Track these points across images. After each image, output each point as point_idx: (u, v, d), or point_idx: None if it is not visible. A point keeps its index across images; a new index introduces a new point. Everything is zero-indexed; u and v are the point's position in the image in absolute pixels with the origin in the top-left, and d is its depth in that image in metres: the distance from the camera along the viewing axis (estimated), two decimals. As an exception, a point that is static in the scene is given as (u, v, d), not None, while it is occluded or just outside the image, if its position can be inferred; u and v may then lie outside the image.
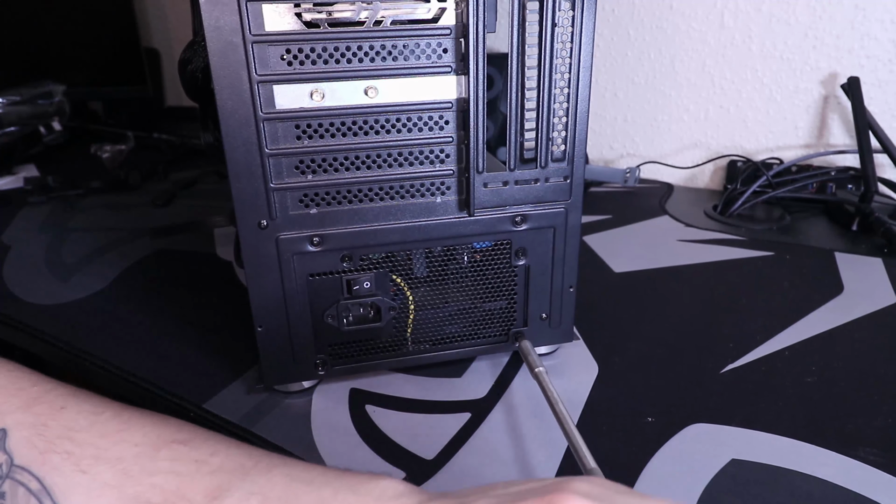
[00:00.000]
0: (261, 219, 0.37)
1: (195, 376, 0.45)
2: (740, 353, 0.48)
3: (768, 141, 0.87)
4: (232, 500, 0.25)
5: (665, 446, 0.38)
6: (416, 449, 0.38)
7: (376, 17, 0.35)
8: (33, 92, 0.96)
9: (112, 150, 1.04)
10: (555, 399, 0.37)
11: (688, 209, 0.81)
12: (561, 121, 0.39)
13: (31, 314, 0.55)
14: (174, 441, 0.28)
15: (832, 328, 0.51)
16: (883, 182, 0.76)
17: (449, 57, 0.37)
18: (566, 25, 0.37)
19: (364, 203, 0.39)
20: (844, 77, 0.77)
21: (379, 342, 0.43)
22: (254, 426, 0.40)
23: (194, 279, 0.61)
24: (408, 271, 0.42)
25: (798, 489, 0.35)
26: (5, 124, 0.92)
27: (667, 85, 0.91)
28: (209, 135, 0.45)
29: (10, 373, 0.32)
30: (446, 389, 0.44)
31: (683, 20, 0.87)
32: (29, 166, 0.97)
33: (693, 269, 0.63)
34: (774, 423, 0.40)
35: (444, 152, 0.39)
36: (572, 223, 0.42)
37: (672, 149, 0.94)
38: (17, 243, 0.72)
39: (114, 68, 1.21)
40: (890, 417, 0.40)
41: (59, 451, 0.28)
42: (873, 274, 0.61)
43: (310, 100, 0.36)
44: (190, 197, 0.88)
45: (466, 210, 0.40)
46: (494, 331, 0.45)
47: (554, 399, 0.37)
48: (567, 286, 0.44)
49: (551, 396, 0.38)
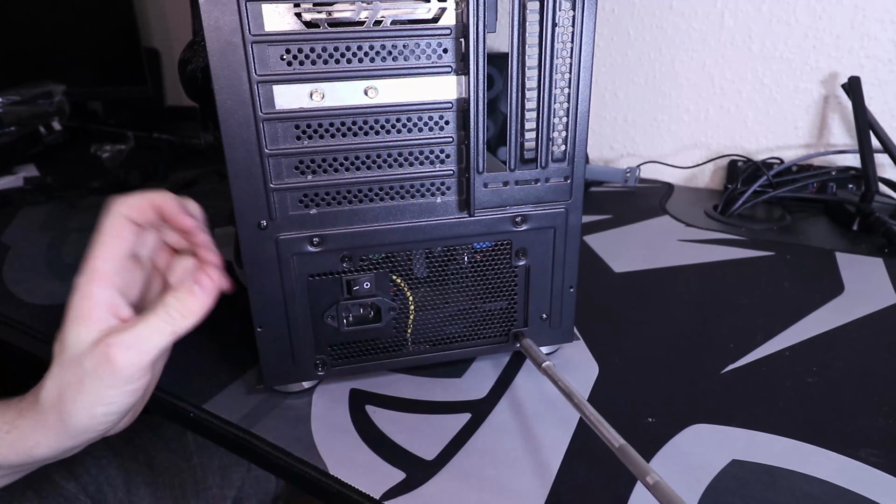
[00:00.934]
0: (261, 219, 0.37)
1: (195, 377, 0.45)
2: (741, 353, 0.48)
3: (768, 141, 0.87)
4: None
5: (666, 446, 0.38)
6: (416, 449, 0.38)
7: (376, 17, 0.35)
8: (33, 92, 0.96)
9: (112, 150, 1.04)
10: (570, 390, 0.37)
11: (688, 209, 0.81)
12: (561, 121, 0.39)
13: (31, 314, 0.55)
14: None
15: (833, 328, 0.51)
16: (883, 182, 0.76)
17: (449, 57, 0.37)
18: (566, 25, 0.37)
19: (364, 203, 0.39)
20: (844, 77, 0.77)
21: (379, 343, 0.43)
22: (254, 426, 0.40)
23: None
24: (408, 272, 0.42)
25: (799, 489, 0.35)
26: (5, 124, 0.92)
27: (667, 85, 0.91)
28: (209, 135, 0.45)
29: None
30: (446, 390, 0.44)
31: (683, 20, 0.87)
32: (29, 166, 0.97)
33: (693, 269, 0.63)
34: (775, 424, 0.40)
35: (444, 152, 0.39)
36: (573, 223, 0.42)
37: (672, 149, 0.94)
38: (17, 243, 0.72)
39: (114, 68, 1.21)
40: (890, 417, 0.40)
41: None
42: (874, 274, 0.61)
43: (309, 100, 0.36)
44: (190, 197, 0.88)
45: (467, 210, 0.40)
46: (495, 331, 0.45)
47: (569, 390, 0.37)
48: (567, 286, 0.44)
49: (565, 388, 0.38)
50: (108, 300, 0.35)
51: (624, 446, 0.32)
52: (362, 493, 0.35)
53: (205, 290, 0.35)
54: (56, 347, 0.35)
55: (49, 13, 1.14)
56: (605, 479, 0.36)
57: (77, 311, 0.35)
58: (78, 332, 0.34)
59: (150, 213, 0.37)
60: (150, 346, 0.34)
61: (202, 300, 0.35)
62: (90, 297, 0.35)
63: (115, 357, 0.33)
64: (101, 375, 0.34)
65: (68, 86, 1.01)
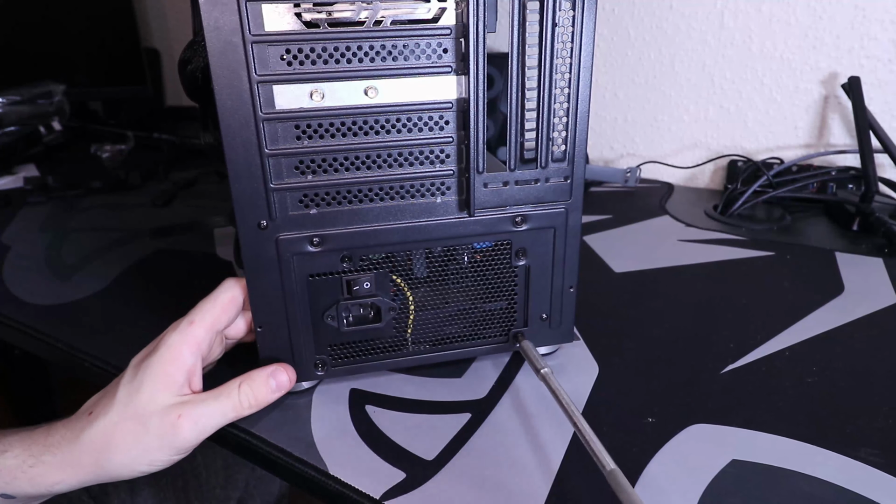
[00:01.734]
0: (261, 219, 0.37)
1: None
2: (741, 353, 0.48)
3: (768, 141, 0.87)
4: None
5: (666, 446, 0.38)
6: (416, 449, 0.38)
7: (376, 16, 0.35)
8: (33, 92, 0.96)
9: (112, 150, 1.04)
10: (566, 402, 0.37)
11: (688, 209, 0.81)
12: (561, 121, 0.39)
13: (31, 314, 0.55)
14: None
15: (832, 328, 0.51)
16: (883, 182, 0.76)
17: (449, 57, 0.37)
18: (567, 25, 0.37)
19: (364, 203, 0.39)
20: (844, 77, 0.77)
21: (379, 343, 0.43)
22: (254, 426, 0.40)
23: (194, 279, 0.61)
24: (408, 272, 0.42)
25: (799, 490, 0.35)
26: (5, 124, 0.92)
27: (667, 85, 0.91)
28: (209, 135, 0.45)
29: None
30: (446, 390, 0.44)
31: (683, 20, 0.87)
32: (29, 166, 0.97)
33: (693, 269, 0.63)
34: (775, 424, 0.40)
35: (444, 152, 0.39)
36: (573, 223, 0.42)
37: (672, 149, 0.94)
38: (17, 243, 0.72)
39: (114, 68, 1.21)
40: (890, 417, 0.40)
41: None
42: (874, 274, 0.61)
43: (309, 100, 0.36)
44: (190, 197, 0.88)
45: (467, 210, 0.40)
46: (495, 331, 0.45)
47: (565, 402, 0.37)
48: (567, 286, 0.44)
49: (561, 399, 0.38)
50: (192, 367, 0.37)
51: (614, 471, 0.32)
52: (362, 493, 0.35)
53: (279, 388, 0.38)
54: (122, 394, 0.36)
55: (49, 13, 1.14)
56: (605, 480, 0.35)
57: (163, 372, 0.36)
58: (156, 391, 0.35)
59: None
60: (213, 425, 0.37)
61: (273, 396, 0.38)
62: (179, 361, 0.36)
63: (182, 428, 0.35)
64: (161, 440, 0.35)
65: (68, 86, 1.01)
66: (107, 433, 0.35)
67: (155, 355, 0.36)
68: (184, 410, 0.35)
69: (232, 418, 0.37)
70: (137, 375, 0.36)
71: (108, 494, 0.60)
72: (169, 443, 0.35)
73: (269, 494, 0.71)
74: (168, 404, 0.35)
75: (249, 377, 0.38)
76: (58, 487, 0.36)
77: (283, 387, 0.38)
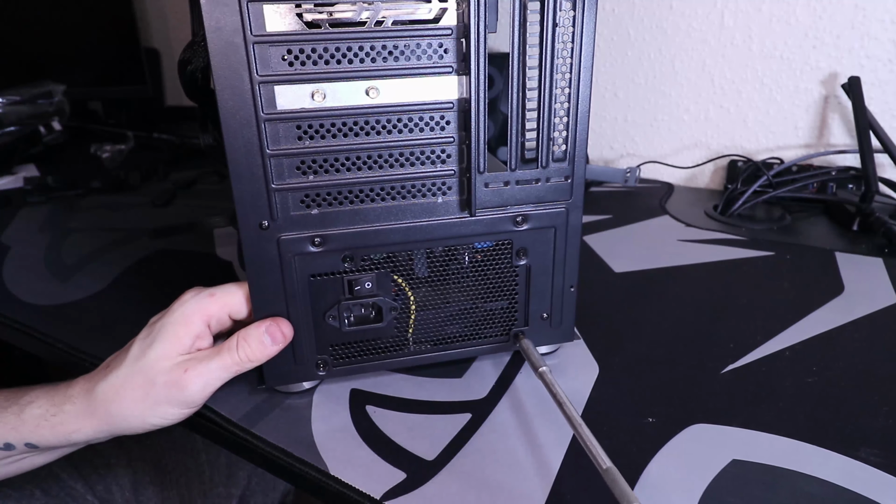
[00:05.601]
0: (262, 219, 0.37)
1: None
2: (741, 353, 0.48)
3: (768, 141, 0.87)
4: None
5: (666, 446, 0.38)
6: (416, 449, 0.38)
7: (377, 17, 0.35)
8: (33, 92, 0.96)
9: (112, 150, 1.04)
10: (562, 400, 0.37)
11: (688, 209, 0.81)
12: (562, 121, 0.39)
13: (30, 314, 0.55)
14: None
15: (833, 328, 0.51)
16: (883, 182, 0.76)
17: (450, 57, 0.37)
18: (567, 25, 0.37)
19: (365, 203, 0.39)
20: (844, 77, 0.77)
21: (380, 343, 0.43)
22: (254, 426, 0.40)
23: (194, 279, 0.61)
24: (409, 271, 0.42)
25: (799, 489, 0.35)
26: (5, 124, 0.92)
27: (667, 85, 0.91)
28: (208, 136, 0.45)
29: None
30: (447, 390, 0.44)
31: (683, 20, 0.87)
32: (29, 166, 0.97)
33: (693, 269, 0.63)
34: (775, 424, 0.40)
35: (445, 152, 0.39)
36: (573, 223, 0.42)
37: (672, 149, 0.94)
38: (17, 243, 0.72)
39: (114, 68, 1.21)
40: (890, 417, 0.40)
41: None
42: (874, 274, 0.61)
43: (311, 100, 0.36)
44: (190, 197, 0.88)
45: (467, 210, 0.40)
46: (495, 331, 0.45)
47: (562, 400, 0.37)
48: (568, 286, 0.44)
49: (558, 397, 0.38)
50: (200, 332, 0.39)
51: (611, 469, 0.32)
52: (363, 493, 0.35)
53: (274, 342, 0.39)
54: (135, 349, 0.39)
55: (49, 13, 1.14)
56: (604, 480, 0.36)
57: (173, 333, 0.38)
58: (165, 349, 0.38)
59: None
60: (216, 379, 0.38)
61: (269, 351, 0.39)
62: (190, 325, 0.39)
63: (187, 382, 0.37)
64: (168, 393, 0.38)
65: (68, 86, 1.01)
66: (117, 386, 0.38)
67: (170, 316, 0.39)
68: (189, 365, 0.38)
69: (234, 372, 0.39)
70: (151, 334, 0.39)
71: (112, 493, 0.60)
72: (176, 396, 0.38)
73: (272, 490, 0.71)
74: (175, 362, 0.38)
75: (245, 333, 0.39)
76: (75, 436, 0.39)
77: (277, 341, 0.39)
